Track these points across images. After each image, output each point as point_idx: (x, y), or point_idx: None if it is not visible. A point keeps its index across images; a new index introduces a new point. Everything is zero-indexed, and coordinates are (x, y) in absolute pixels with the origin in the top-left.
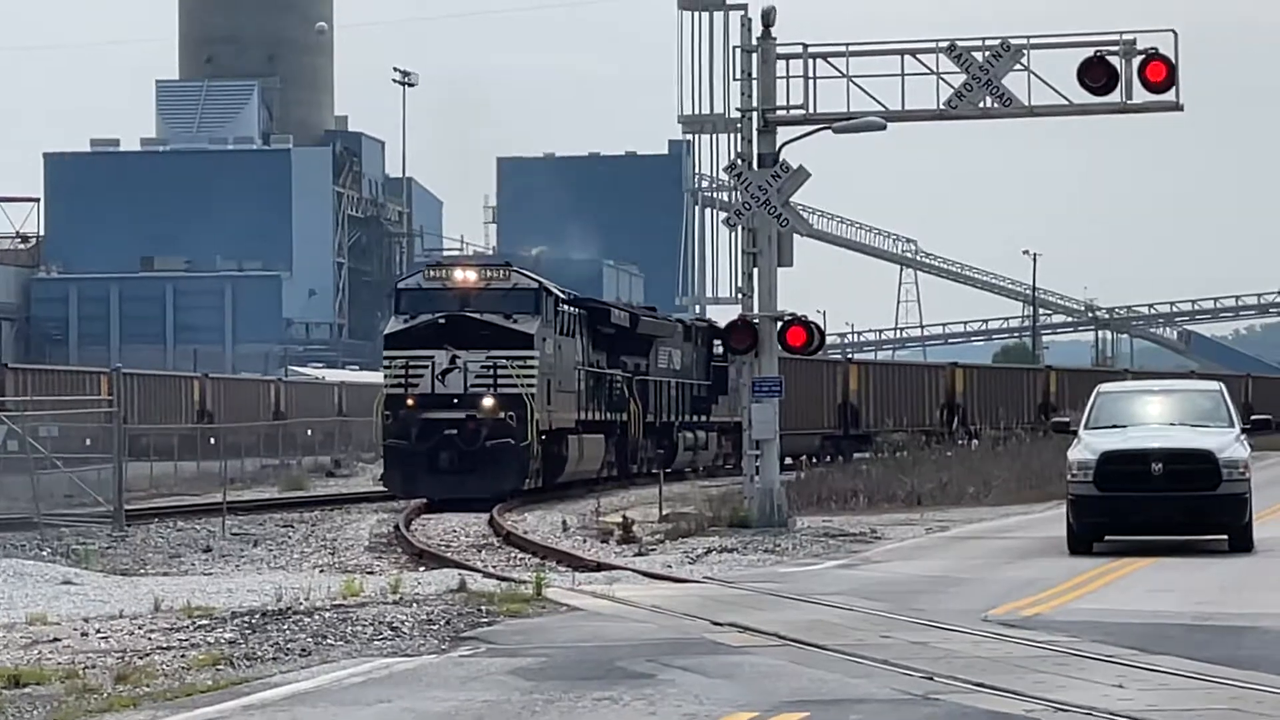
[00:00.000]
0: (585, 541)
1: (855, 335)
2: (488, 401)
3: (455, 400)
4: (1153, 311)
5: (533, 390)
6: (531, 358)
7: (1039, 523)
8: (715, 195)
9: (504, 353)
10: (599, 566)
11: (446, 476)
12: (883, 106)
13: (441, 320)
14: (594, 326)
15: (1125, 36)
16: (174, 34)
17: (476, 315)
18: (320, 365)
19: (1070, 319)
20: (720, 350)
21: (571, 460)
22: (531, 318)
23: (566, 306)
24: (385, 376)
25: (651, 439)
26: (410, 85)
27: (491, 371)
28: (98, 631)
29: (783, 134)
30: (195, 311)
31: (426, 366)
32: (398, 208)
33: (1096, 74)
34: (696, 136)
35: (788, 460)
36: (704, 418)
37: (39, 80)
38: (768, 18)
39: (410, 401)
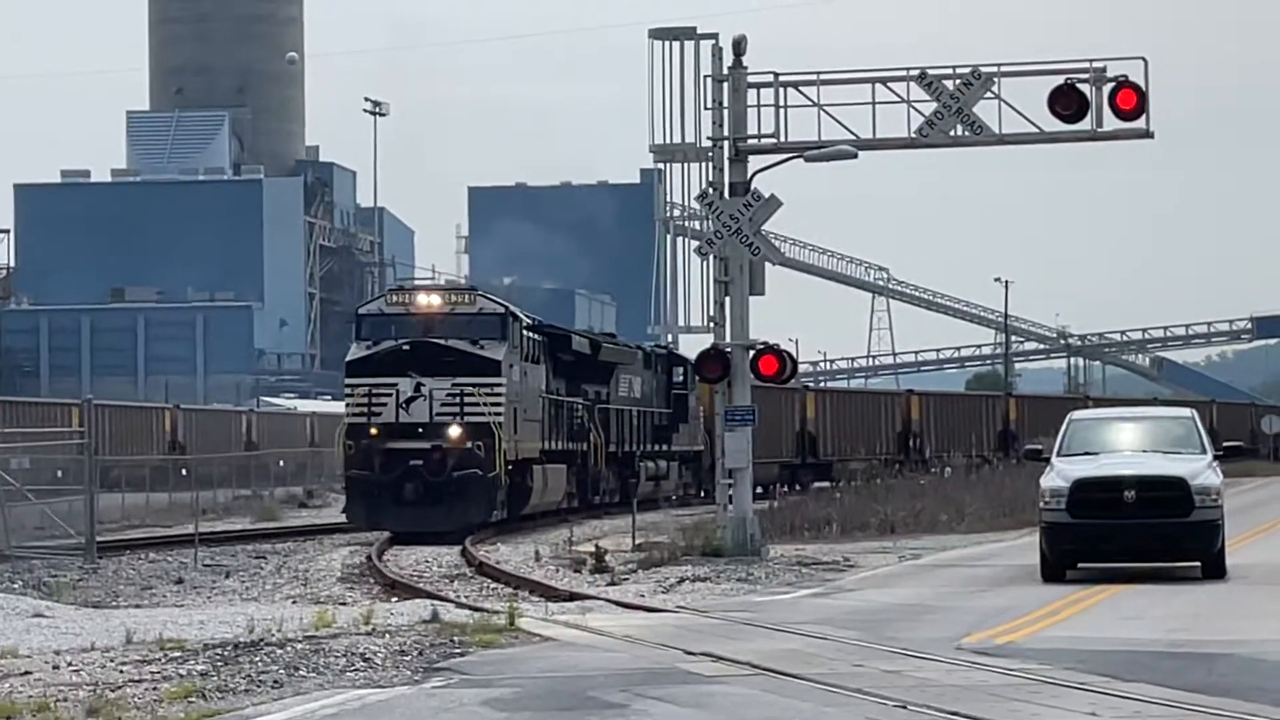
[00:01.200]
0: (558, 571)
1: (828, 363)
2: (454, 431)
3: (420, 429)
4: (1125, 338)
5: (500, 419)
6: (499, 385)
7: (1012, 550)
8: (687, 224)
9: (471, 380)
10: (572, 596)
11: (412, 509)
12: (854, 135)
13: (405, 347)
14: (554, 353)
15: (1096, 64)
16: (144, 65)
17: (441, 341)
18: (292, 396)
19: (1043, 346)
20: (680, 378)
21: (536, 491)
22: (498, 343)
23: (530, 332)
24: (347, 405)
25: (613, 469)
26: (381, 115)
27: (458, 399)
28: (69, 664)
29: (754, 162)
30: (166, 342)
31: (390, 394)
32: (369, 237)
33: (1067, 102)
34: (668, 165)
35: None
36: (665, 447)
37: (9, 111)
38: (738, 47)
39: (374, 431)
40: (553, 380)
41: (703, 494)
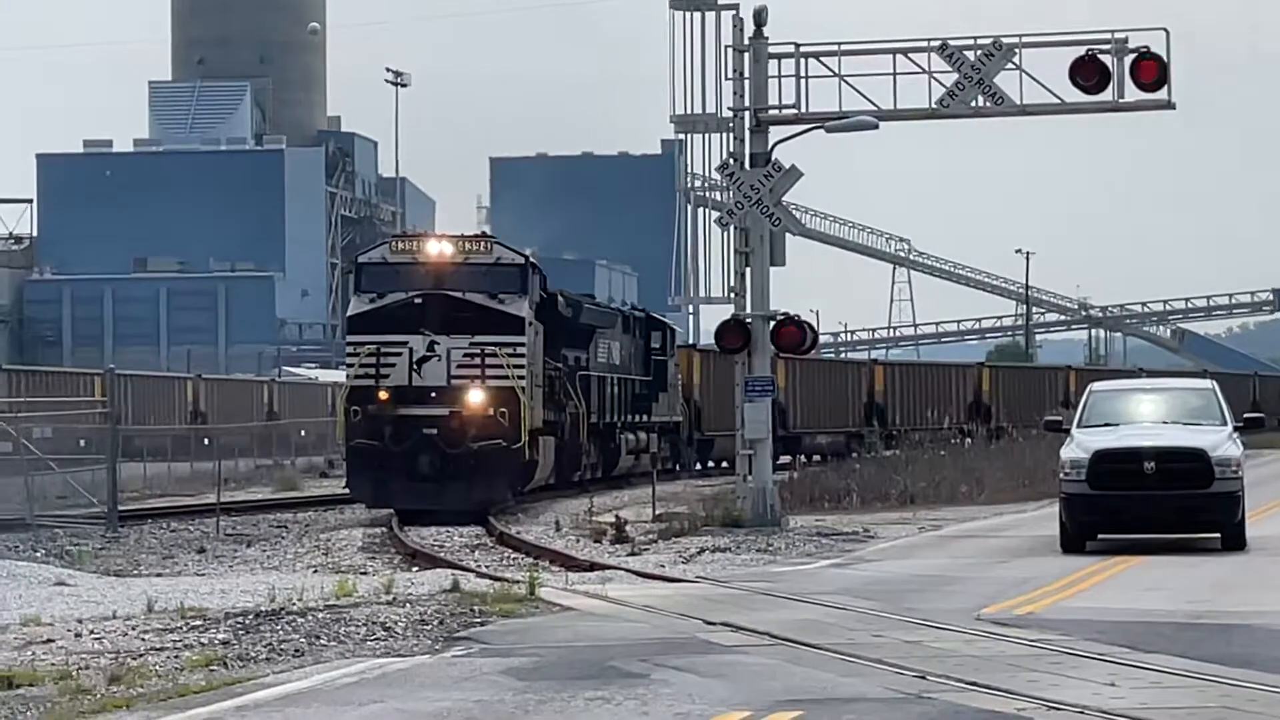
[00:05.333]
0: (578, 541)
1: (849, 335)
2: (475, 396)
3: (434, 394)
4: (1146, 310)
5: (523, 383)
6: (521, 345)
7: (1032, 521)
8: (708, 195)
9: (491, 338)
10: (592, 566)
11: (426, 484)
12: (875, 106)
13: (417, 300)
14: (538, 314)
15: (1117, 35)
16: (166, 35)
17: (458, 294)
18: (313, 365)
19: (1064, 317)
20: (658, 344)
21: (540, 466)
22: (519, 297)
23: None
24: (350, 366)
25: (595, 442)
26: (403, 85)
27: (478, 360)
28: (91, 632)
29: (775, 133)
30: (188, 312)
31: (400, 354)
32: (391, 208)
33: (1088, 73)
34: (689, 136)
35: (708, 465)
36: (645, 417)
37: (32, 81)
38: (759, 17)
39: (382, 395)
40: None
41: (678, 468)
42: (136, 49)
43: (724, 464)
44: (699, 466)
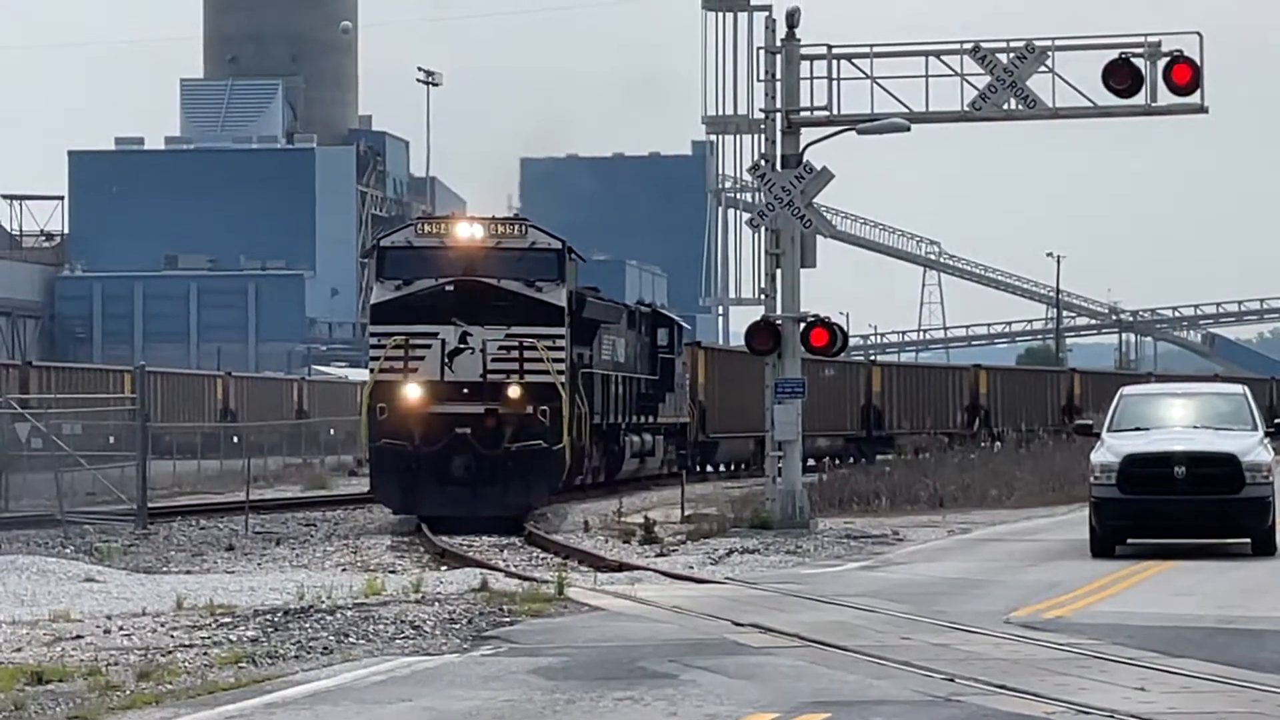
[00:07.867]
0: (607, 542)
1: (879, 337)
2: (514, 392)
3: (467, 390)
4: (1176, 314)
5: (564, 378)
6: (561, 337)
7: (1061, 525)
8: (739, 196)
9: (530, 329)
10: (621, 566)
11: (459, 488)
12: (907, 108)
13: (448, 287)
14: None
15: (1150, 39)
16: (198, 33)
17: (492, 281)
18: (343, 364)
19: (1094, 321)
20: (665, 341)
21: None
22: (556, 285)
23: None
24: (375, 359)
25: (598, 444)
26: (434, 85)
27: (516, 353)
28: (120, 629)
29: (806, 135)
30: (218, 310)
31: (430, 346)
32: (422, 207)
33: (1121, 76)
34: (720, 137)
35: (707, 470)
36: (651, 418)
37: (64, 78)
38: (792, 19)
39: (411, 391)
40: None
41: (684, 472)
42: (168, 46)
43: (722, 468)
44: (698, 470)
